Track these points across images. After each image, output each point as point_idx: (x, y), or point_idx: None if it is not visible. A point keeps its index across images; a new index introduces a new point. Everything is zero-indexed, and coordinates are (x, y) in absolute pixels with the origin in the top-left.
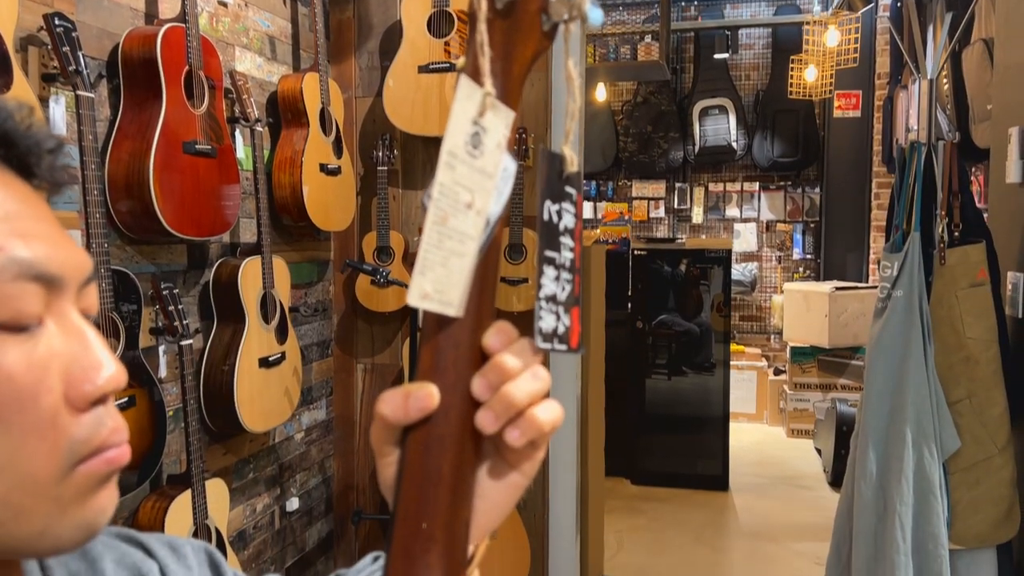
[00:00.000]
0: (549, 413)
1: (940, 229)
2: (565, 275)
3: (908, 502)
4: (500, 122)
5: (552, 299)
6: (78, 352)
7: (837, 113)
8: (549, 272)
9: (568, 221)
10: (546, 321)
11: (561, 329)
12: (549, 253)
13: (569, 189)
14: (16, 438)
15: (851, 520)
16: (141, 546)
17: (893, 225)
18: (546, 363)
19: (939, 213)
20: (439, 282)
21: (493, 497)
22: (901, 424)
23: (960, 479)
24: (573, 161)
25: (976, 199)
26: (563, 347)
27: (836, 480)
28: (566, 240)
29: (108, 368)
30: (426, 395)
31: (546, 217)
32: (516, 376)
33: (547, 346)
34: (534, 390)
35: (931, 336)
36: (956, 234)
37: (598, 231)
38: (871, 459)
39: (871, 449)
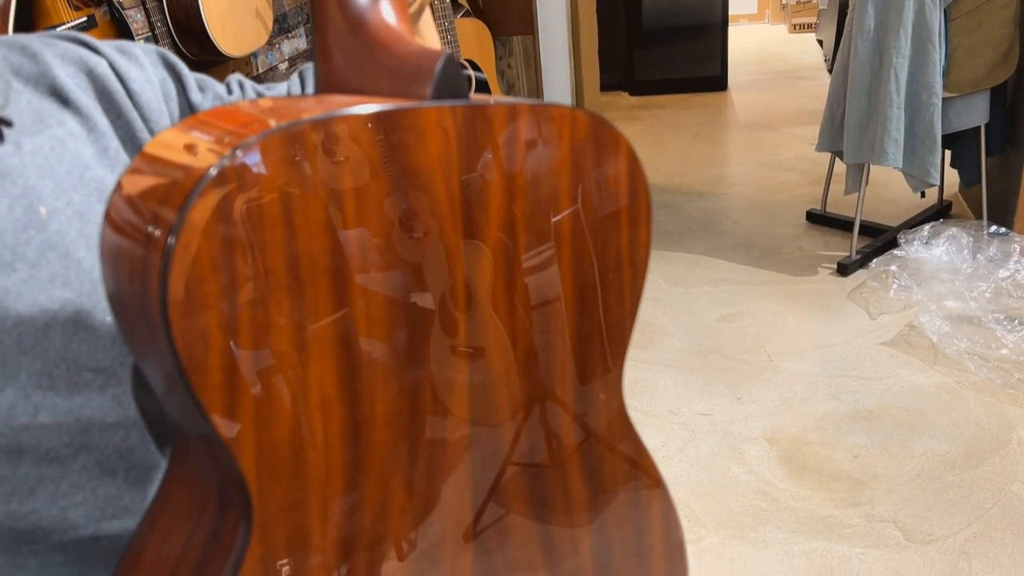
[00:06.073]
0: None
1: None
2: None
3: (905, 53)
4: None
5: None
6: None
7: None
8: None
9: None
10: None
11: None
12: None
13: None
14: None
15: (846, 83)
16: (85, 44)
17: None
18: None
19: None
20: None
21: None
22: None
23: (961, 24)
24: None
25: None
26: None
27: None
28: None
29: None
30: None
31: None
32: None
33: None
34: None
35: None
36: None
37: None
38: (870, 14)
39: (871, 3)
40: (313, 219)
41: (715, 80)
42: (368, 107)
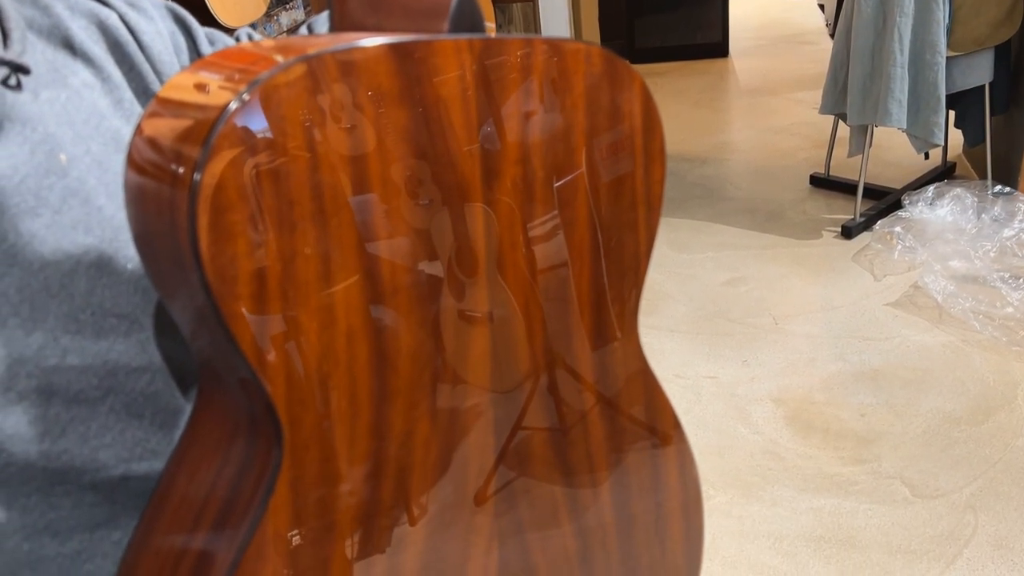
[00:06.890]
0: None
1: None
2: None
3: (908, 12)
4: None
5: None
6: None
7: None
8: None
9: None
10: None
11: None
12: None
13: None
14: None
15: (849, 44)
16: None
17: None
18: None
19: None
20: None
21: None
22: None
23: None
24: None
25: None
26: None
27: None
28: None
29: None
30: None
31: None
32: None
33: None
34: None
35: None
36: None
37: None
38: None
39: None
40: (334, 149)
41: (716, 47)
42: (385, 38)
